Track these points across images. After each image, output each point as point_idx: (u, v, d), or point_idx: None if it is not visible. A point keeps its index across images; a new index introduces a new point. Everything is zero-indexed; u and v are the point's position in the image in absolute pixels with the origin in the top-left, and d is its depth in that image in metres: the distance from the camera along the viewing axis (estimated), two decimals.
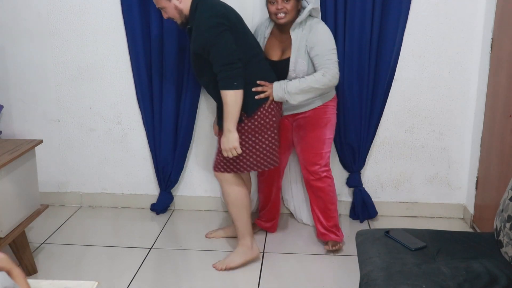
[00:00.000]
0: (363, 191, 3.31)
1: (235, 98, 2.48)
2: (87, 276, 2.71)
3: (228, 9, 2.61)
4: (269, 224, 3.16)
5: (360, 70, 3.09)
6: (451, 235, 2.17)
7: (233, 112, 2.49)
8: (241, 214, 2.73)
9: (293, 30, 2.69)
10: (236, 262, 2.75)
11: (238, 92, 2.48)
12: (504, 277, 1.84)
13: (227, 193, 2.73)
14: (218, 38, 2.47)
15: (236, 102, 2.48)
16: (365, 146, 3.25)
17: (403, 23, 3.07)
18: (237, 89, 2.47)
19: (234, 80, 2.47)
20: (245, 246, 2.76)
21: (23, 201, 2.60)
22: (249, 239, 2.77)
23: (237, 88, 2.47)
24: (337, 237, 2.95)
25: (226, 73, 2.48)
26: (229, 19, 2.53)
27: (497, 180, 2.88)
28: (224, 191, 2.75)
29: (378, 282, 1.83)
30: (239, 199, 2.71)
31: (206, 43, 2.49)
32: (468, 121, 3.25)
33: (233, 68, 2.47)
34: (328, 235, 2.95)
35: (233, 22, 2.55)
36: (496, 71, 2.92)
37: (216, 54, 2.48)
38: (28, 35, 3.30)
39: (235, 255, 2.78)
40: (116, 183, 3.55)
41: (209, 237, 3.11)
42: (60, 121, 3.45)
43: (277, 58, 2.77)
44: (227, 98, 2.48)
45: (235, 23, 2.56)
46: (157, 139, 3.31)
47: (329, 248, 2.94)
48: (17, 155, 2.45)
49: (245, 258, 2.75)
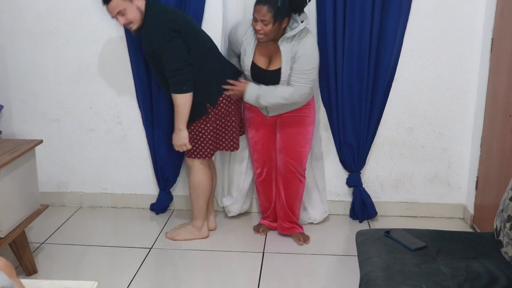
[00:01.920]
0: (363, 191, 3.31)
1: (184, 101, 2.72)
2: (87, 276, 2.71)
3: (176, 13, 2.78)
4: (275, 223, 3.18)
5: (360, 70, 3.09)
6: (451, 235, 2.17)
7: (183, 113, 2.74)
8: (199, 199, 3.01)
9: (281, 42, 2.71)
10: (182, 237, 3.08)
11: (187, 95, 2.71)
12: (504, 277, 1.84)
13: (192, 177, 3.00)
14: (167, 44, 2.66)
15: (186, 104, 2.72)
16: (365, 146, 3.25)
17: (403, 23, 3.07)
18: (186, 92, 2.70)
19: (183, 85, 2.69)
20: (195, 227, 3.09)
21: (23, 201, 2.60)
22: (200, 221, 3.07)
23: (186, 91, 2.70)
24: (302, 229, 3.12)
25: (175, 78, 2.69)
26: (178, 23, 2.69)
27: (497, 180, 2.88)
28: (190, 175, 3.01)
29: (378, 282, 1.83)
30: (201, 185, 2.99)
31: (157, 49, 2.69)
32: (468, 121, 3.25)
33: (182, 74, 2.68)
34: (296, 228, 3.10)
35: (182, 25, 2.71)
36: (496, 71, 2.92)
37: (166, 60, 2.69)
38: (28, 35, 3.30)
39: (184, 231, 3.10)
40: (116, 183, 3.55)
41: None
42: (60, 121, 3.45)
43: (264, 66, 2.81)
44: (177, 100, 2.73)
45: (184, 26, 2.72)
46: (156, 139, 3.31)
47: (301, 242, 3.03)
48: (17, 155, 2.45)
49: (192, 237, 3.08)
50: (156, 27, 2.67)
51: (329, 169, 3.36)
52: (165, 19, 2.68)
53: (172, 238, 3.09)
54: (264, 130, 3.00)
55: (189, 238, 3.08)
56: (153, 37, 2.68)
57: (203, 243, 3.07)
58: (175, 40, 2.66)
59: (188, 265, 2.86)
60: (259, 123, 2.99)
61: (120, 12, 2.65)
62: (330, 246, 3.05)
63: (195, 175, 2.98)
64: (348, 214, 3.41)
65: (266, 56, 2.79)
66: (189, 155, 2.95)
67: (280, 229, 3.13)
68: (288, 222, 3.09)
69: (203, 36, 2.87)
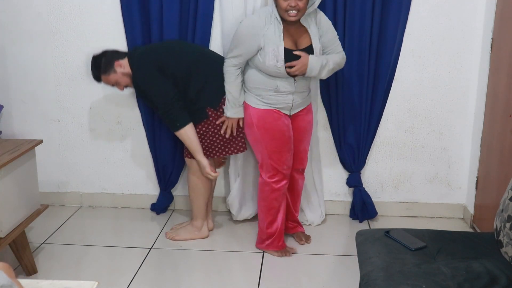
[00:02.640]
0: (363, 191, 3.31)
1: (185, 135, 2.81)
2: (87, 276, 2.71)
3: (156, 48, 2.92)
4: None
5: (360, 70, 3.09)
6: (451, 235, 2.17)
7: (191, 145, 2.83)
8: (198, 199, 3.03)
9: (305, 20, 2.64)
10: (182, 237, 3.09)
11: (185, 129, 2.79)
12: (504, 277, 1.84)
13: (191, 178, 3.02)
14: (151, 85, 2.80)
15: (188, 137, 2.81)
16: (365, 146, 3.25)
17: (403, 23, 3.07)
18: (182, 127, 2.79)
19: (176, 122, 2.80)
20: (195, 227, 3.10)
21: (23, 201, 2.60)
22: (200, 221, 3.08)
23: (182, 127, 2.79)
24: (303, 228, 3.14)
25: (167, 118, 2.83)
26: (159, 58, 2.80)
27: (497, 180, 2.88)
28: (188, 175, 3.04)
29: (378, 282, 1.83)
30: (199, 186, 3.00)
31: (144, 92, 2.85)
32: (468, 121, 3.25)
33: (172, 112, 2.78)
34: (298, 227, 3.10)
35: (164, 56, 2.82)
36: (496, 71, 2.92)
37: (155, 100, 2.81)
38: (28, 35, 3.30)
39: (184, 231, 3.11)
40: (116, 183, 3.55)
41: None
42: (60, 121, 3.45)
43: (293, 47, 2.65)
44: (180, 137, 2.85)
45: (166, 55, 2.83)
46: (157, 139, 3.31)
47: (302, 242, 3.03)
48: (17, 155, 2.45)
49: (192, 236, 3.09)
50: (138, 72, 2.82)
51: (329, 169, 3.36)
52: (144, 62, 2.82)
53: (172, 238, 3.10)
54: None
55: (189, 238, 3.09)
56: (138, 82, 2.84)
57: (203, 243, 3.07)
58: (157, 80, 2.77)
59: (188, 265, 2.86)
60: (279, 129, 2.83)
61: (113, 84, 2.90)
62: (330, 246, 3.05)
63: (192, 177, 3.00)
64: (348, 214, 3.41)
65: (291, 38, 2.67)
66: (187, 155, 2.97)
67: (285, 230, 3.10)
68: (292, 222, 3.09)
69: (189, 46, 2.96)
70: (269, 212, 2.87)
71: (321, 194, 3.30)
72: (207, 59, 2.89)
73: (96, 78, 2.91)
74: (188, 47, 2.96)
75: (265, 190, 2.85)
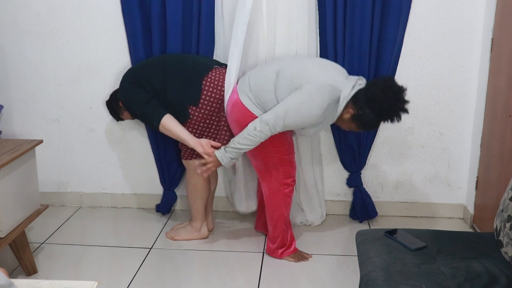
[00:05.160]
0: (363, 191, 3.31)
1: (165, 128, 2.79)
2: (87, 276, 2.71)
3: (134, 67, 3.03)
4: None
5: (360, 70, 3.09)
6: (451, 235, 2.17)
7: (177, 134, 2.79)
8: (196, 201, 3.04)
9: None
10: (182, 237, 3.11)
11: (162, 123, 2.78)
12: (504, 277, 1.84)
13: (189, 180, 3.03)
14: (128, 101, 2.92)
15: (169, 128, 2.78)
16: (365, 146, 3.25)
17: (403, 23, 3.07)
18: (159, 123, 2.78)
19: (152, 121, 2.82)
20: (194, 228, 3.11)
21: (23, 201, 2.60)
22: (199, 222, 3.09)
23: (159, 122, 2.78)
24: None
25: (145, 122, 2.96)
26: (134, 75, 2.90)
27: (497, 180, 2.88)
28: (187, 177, 3.05)
29: (378, 282, 1.83)
30: (197, 187, 3.00)
31: (130, 110, 2.96)
32: (468, 121, 3.25)
33: (146, 115, 2.83)
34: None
35: (139, 72, 2.91)
36: (496, 71, 2.92)
37: (134, 111, 2.90)
38: (28, 35, 3.30)
39: (184, 231, 3.13)
40: (116, 183, 3.55)
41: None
42: (60, 121, 3.45)
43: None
44: (164, 132, 2.84)
45: (141, 71, 2.90)
46: (160, 138, 3.29)
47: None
48: (17, 155, 2.45)
49: (191, 237, 3.11)
50: (119, 92, 2.98)
51: (329, 169, 3.36)
52: (122, 81, 2.93)
53: (172, 238, 3.10)
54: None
55: (188, 238, 3.09)
56: (121, 100, 2.98)
57: (203, 243, 3.07)
58: (130, 90, 2.87)
59: (188, 265, 2.86)
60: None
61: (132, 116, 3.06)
62: (330, 246, 3.05)
63: (191, 177, 3.00)
64: (348, 214, 3.41)
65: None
66: (184, 157, 2.99)
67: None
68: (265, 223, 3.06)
69: (172, 56, 3.01)
70: (281, 219, 2.84)
71: (322, 195, 3.30)
72: (185, 61, 2.91)
73: (118, 119, 3.17)
74: (170, 57, 2.99)
75: (276, 196, 2.78)
